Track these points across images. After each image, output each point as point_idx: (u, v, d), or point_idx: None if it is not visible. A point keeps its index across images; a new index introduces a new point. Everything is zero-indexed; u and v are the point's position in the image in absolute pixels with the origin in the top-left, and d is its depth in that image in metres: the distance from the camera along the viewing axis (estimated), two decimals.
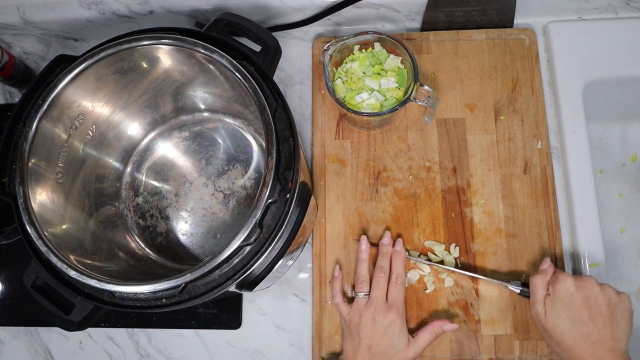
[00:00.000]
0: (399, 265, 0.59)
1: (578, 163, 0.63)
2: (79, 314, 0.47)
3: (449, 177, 0.65)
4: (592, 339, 0.48)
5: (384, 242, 0.61)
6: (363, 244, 0.61)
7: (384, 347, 0.54)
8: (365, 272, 0.59)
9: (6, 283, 0.68)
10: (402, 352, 0.54)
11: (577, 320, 0.49)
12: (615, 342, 0.48)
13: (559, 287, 0.51)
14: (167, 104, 0.63)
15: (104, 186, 0.62)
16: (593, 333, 0.48)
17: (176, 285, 0.43)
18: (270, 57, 0.53)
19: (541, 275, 0.54)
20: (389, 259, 0.59)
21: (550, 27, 0.69)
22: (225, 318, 0.64)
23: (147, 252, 0.63)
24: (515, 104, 0.66)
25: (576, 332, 0.49)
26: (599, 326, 0.49)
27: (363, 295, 0.57)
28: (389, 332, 0.54)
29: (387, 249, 0.60)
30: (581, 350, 0.48)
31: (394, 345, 0.54)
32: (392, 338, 0.54)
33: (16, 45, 0.77)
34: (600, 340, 0.48)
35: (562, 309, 0.50)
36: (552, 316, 0.50)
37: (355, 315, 0.56)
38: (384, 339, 0.54)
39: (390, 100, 0.61)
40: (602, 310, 0.49)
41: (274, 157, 0.45)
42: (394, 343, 0.54)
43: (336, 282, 0.61)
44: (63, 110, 0.52)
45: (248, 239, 0.43)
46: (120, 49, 0.50)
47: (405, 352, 0.55)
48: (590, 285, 0.51)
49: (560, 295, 0.51)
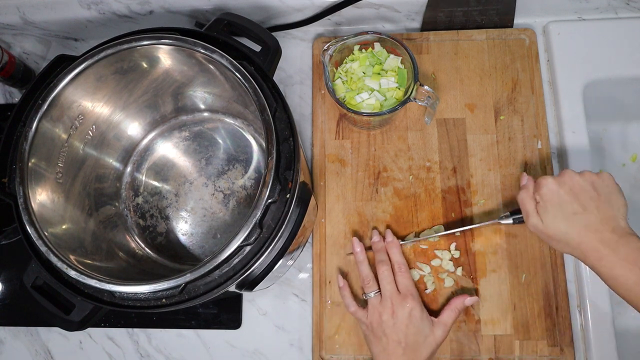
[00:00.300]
0: (397, 255, 0.59)
1: (578, 163, 0.63)
2: (79, 314, 0.47)
3: (449, 177, 0.65)
4: (594, 226, 0.48)
5: (374, 240, 0.61)
6: (356, 245, 0.61)
7: (413, 336, 0.54)
8: (367, 271, 0.59)
9: (6, 283, 0.68)
10: (430, 335, 0.55)
11: (573, 213, 0.49)
12: (614, 221, 0.48)
13: (543, 191, 0.51)
14: (167, 104, 0.63)
15: (104, 186, 0.62)
16: (592, 219, 0.48)
17: (176, 285, 0.43)
18: (270, 57, 0.53)
19: (525, 190, 0.54)
20: (385, 253, 0.60)
21: (550, 27, 0.69)
22: (225, 318, 0.64)
23: (147, 252, 0.63)
24: (515, 104, 0.66)
25: (577, 225, 0.49)
26: (594, 211, 0.49)
27: (374, 294, 0.57)
28: (413, 320, 0.54)
29: (380, 244, 0.61)
30: (589, 240, 0.48)
31: (420, 331, 0.54)
32: (417, 325, 0.54)
33: (16, 45, 0.77)
34: (602, 224, 0.48)
35: (556, 210, 0.50)
36: (549, 220, 0.50)
37: (375, 315, 0.56)
38: (410, 329, 0.54)
39: (390, 100, 0.61)
40: (591, 195, 0.49)
41: (274, 157, 0.45)
42: (420, 329, 0.54)
43: (344, 291, 0.60)
44: (63, 110, 0.52)
45: (248, 239, 0.43)
46: (120, 49, 0.50)
47: (434, 335, 0.55)
48: (570, 176, 0.51)
49: (548, 197, 0.51)
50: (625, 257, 0.46)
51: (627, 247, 0.46)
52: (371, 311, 0.56)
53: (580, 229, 0.49)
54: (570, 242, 0.49)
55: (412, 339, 0.54)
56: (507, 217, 0.58)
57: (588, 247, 0.48)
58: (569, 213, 0.49)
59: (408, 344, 0.54)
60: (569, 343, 0.59)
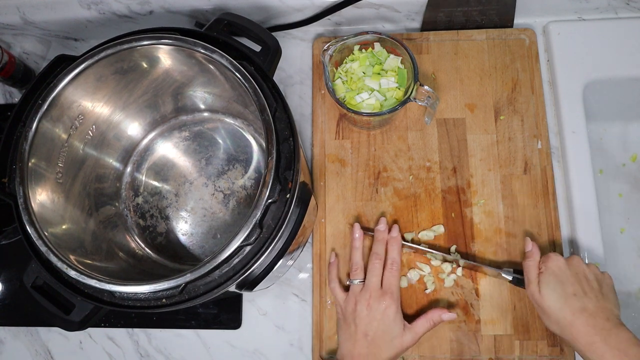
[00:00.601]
0: (395, 252, 0.59)
1: (578, 163, 0.63)
2: (79, 314, 0.47)
3: (449, 177, 0.65)
4: (590, 311, 0.50)
5: (379, 228, 0.61)
6: (356, 231, 0.61)
7: (381, 333, 0.54)
8: (359, 259, 0.59)
9: (6, 283, 0.68)
10: (398, 337, 0.55)
11: (572, 294, 0.51)
12: (610, 313, 0.50)
13: (550, 265, 0.53)
14: (167, 104, 0.63)
15: (104, 186, 0.62)
16: (589, 305, 0.50)
17: (176, 285, 0.43)
18: (270, 57, 0.53)
19: (531, 258, 0.56)
20: (384, 245, 0.59)
21: (550, 27, 0.69)
22: (225, 318, 0.64)
23: (147, 252, 0.63)
24: (515, 104, 0.66)
25: (574, 306, 0.50)
26: (593, 299, 0.50)
27: (358, 282, 0.57)
28: (384, 318, 0.55)
29: (383, 235, 0.60)
30: (581, 323, 0.49)
31: (389, 331, 0.55)
32: (387, 324, 0.55)
33: (16, 45, 0.77)
34: (597, 312, 0.49)
35: (556, 285, 0.52)
36: (548, 293, 0.52)
37: (351, 302, 0.56)
38: (380, 325, 0.54)
39: (390, 100, 0.61)
40: (592, 285, 0.52)
41: (274, 157, 0.45)
42: (390, 329, 0.55)
43: (332, 267, 0.61)
44: (63, 110, 0.52)
45: (248, 239, 0.43)
46: (120, 49, 0.50)
47: (402, 338, 0.55)
48: (578, 262, 0.53)
49: (554, 272, 0.52)
50: (617, 346, 0.47)
51: (619, 337, 0.47)
52: (350, 297, 0.57)
53: (575, 310, 0.50)
54: (561, 321, 0.50)
55: (379, 336, 0.54)
56: (509, 273, 0.58)
57: (580, 329, 0.49)
58: (569, 292, 0.51)
59: (374, 339, 0.54)
60: None
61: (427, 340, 0.60)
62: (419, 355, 0.59)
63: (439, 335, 0.60)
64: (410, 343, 0.55)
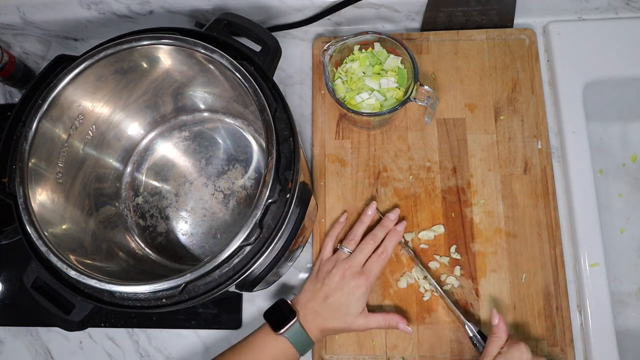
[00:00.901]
0: (391, 243, 0.59)
1: (578, 163, 0.63)
2: (79, 314, 0.47)
3: (449, 177, 0.65)
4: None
5: (389, 216, 0.62)
6: (370, 209, 0.62)
7: (339, 303, 0.55)
8: (359, 233, 0.60)
9: (6, 283, 0.68)
10: (351, 316, 0.56)
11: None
12: None
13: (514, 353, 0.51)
14: (167, 104, 0.63)
15: (104, 186, 0.62)
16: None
17: (176, 285, 0.43)
18: (270, 57, 0.53)
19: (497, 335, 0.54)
20: (384, 232, 0.60)
21: (550, 27, 0.69)
22: (225, 318, 0.64)
23: (147, 252, 0.63)
24: (515, 104, 0.66)
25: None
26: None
27: (346, 251, 0.59)
28: (350, 294, 0.56)
29: (389, 223, 0.61)
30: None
31: (348, 306, 0.56)
32: (349, 299, 0.56)
33: (16, 45, 0.77)
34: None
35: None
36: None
37: (330, 263, 0.58)
38: (342, 298, 0.56)
39: (390, 100, 0.61)
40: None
41: (274, 157, 0.45)
42: (350, 304, 0.56)
43: (338, 226, 0.62)
44: (63, 110, 0.52)
45: (248, 239, 0.43)
46: (120, 49, 0.50)
47: (354, 319, 0.56)
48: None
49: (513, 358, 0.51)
50: None
51: None
52: (332, 259, 0.59)
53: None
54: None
55: (336, 306, 0.55)
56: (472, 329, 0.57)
57: None
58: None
59: (330, 305, 0.55)
60: (569, 343, 0.59)
61: (427, 340, 0.60)
62: (419, 355, 0.59)
63: (439, 335, 0.60)
64: (360, 328, 0.57)
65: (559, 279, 0.60)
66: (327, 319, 0.55)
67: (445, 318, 0.60)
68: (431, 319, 0.60)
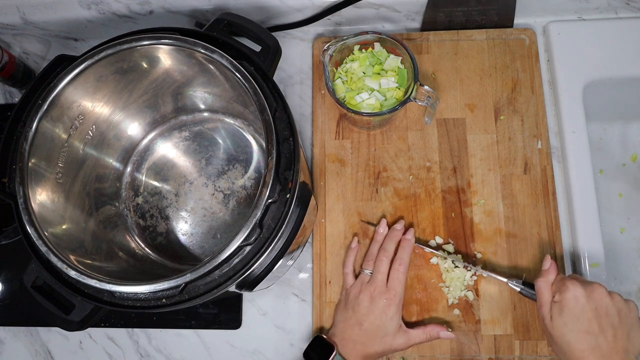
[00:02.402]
0: (405, 253, 0.59)
1: (578, 163, 0.63)
2: (79, 314, 0.47)
3: (449, 177, 0.65)
4: (602, 351, 0.46)
5: (395, 227, 0.62)
6: (381, 227, 0.62)
7: (375, 327, 0.55)
8: (375, 252, 0.60)
9: (6, 283, 0.68)
10: (390, 336, 0.55)
11: (586, 331, 0.47)
12: (625, 354, 0.46)
13: (567, 296, 0.49)
14: (167, 104, 0.63)
15: (104, 186, 0.62)
16: (603, 345, 0.47)
17: (176, 285, 0.43)
18: (270, 57, 0.53)
19: (545, 278, 0.53)
20: (394, 243, 0.60)
21: (550, 27, 0.69)
22: (225, 318, 0.64)
23: (147, 252, 0.63)
24: (515, 104, 0.66)
25: (585, 344, 0.47)
26: (610, 338, 0.47)
27: (367, 273, 0.58)
28: (382, 315, 0.55)
29: (397, 234, 0.61)
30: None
31: (384, 327, 0.55)
32: (384, 320, 0.55)
33: (16, 45, 0.77)
34: (611, 352, 0.46)
35: (570, 320, 0.48)
36: (559, 325, 0.49)
37: (356, 289, 0.58)
38: (376, 320, 0.55)
39: (390, 100, 0.61)
40: (613, 322, 0.47)
41: (274, 157, 0.45)
42: (385, 325, 0.55)
43: (351, 253, 0.62)
44: (63, 110, 0.52)
45: (248, 239, 0.43)
46: (120, 49, 0.50)
47: (393, 338, 0.55)
48: (600, 295, 0.48)
49: (569, 305, 0.49)
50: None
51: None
52: (356, 284, 0.58)
53: (586, 348, 0.47)
54: (568, 354, 0.48)
55: (373, 330, 0.55)
56: (517, 284, 0.57)
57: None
58: (583, 329, 0.48)
59: (367, 331, 0.55)
60: None
61: None
62: (419, 355, 0.59)
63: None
64: (401, 346, 0.56)
65: None
66: (367, 345, 0.54)
67: (445, 318, 0.60)
68: (431, 319, 0.60)
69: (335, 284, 0.62)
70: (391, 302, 0.56)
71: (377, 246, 0.60)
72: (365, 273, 0.58)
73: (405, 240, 0.60)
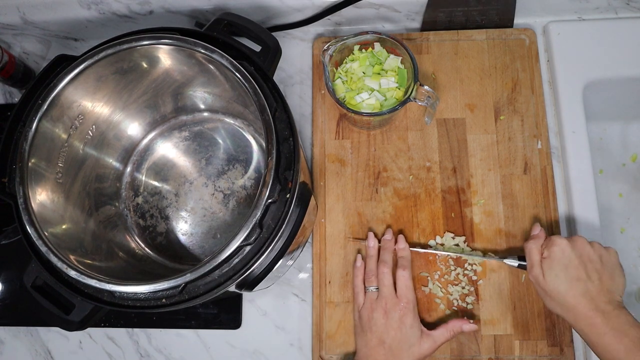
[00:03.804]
0: (405, 260, 0.59)
1: (578, 163, 0.63)
2: (79, 314, 0.47)
3: (449, 177, 0.65)
4: (592, 294, 0.50)
5: (385, 237, 0.61)
6: (370, 240, 0.61)
7: (398, 341, 0.54)
8: (374, 266, 0.59)
9: (6, 283, 0.68)
10: (416, 345, 0.55)
11: (575, 279, 0.51)
12: (611, 295, 0.50)
13: (554, 249, 0.52)
14: (167, 104, 0.63)
15: (104, 186, 0.62)
16: (591, 288, 0.50)
17: (176, 285, 0.43)
18: (270, 57, 0.53)
19: (534, 240, 0.55)
20: (391, 253, 0.60)
21: (550, 27, 0.69)
22: (225, 318, 0.64)
23: (147, 252, 0.63)
24: (515, 104, 0.66)
25: (576, 290, 0.50)
26: (596, 282, 0.51)
27: (373, 289, 0.58)
28: (402, 326, 0.55)
29: (390, 244, 0.61)
30: (583, 306, 0.50)
31: (407, 338, 0.54)
32: (404, 332, 0.55)
33: (16, 45, 0.77)
34: (599, 294, 0.50)
35: (560, 270, 0.52)
36: (551, 278, 0.52)
37: (367, 310, 0.57)
38: (397, 334, 0.54)
39: (390, 100, 0.61)
40: (596, 267, 0.51)
41: (274, 157, 0.45)
42: (407, 336, 0.54)
43: (358, 272, 0.60)
44: (63, 110, 0.52)
45: (248, 239, 0.43)
46: (120, 49, 0.50)
47: (420, 345, 0.55)
48: (582, 245, 0.53)
49: (557, 257, 0.52)
50: (617, 327, 0.48)
51: (619, 319, 0.48)
52: (366, 304, 0.57)
53: (577, 294, 0.50)
54: (564, 304, 0.51)
55: (396, 344, 0.54)
56: (514, 259, 0.58)
57: (581, 312, 0.50)
58: (572, 277, 0.51)
59: (392, 348, 0.54)
60: (569, 343, 0.59)
61: None
62: None
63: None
64: (429, 351, 0.55)
65: None
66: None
67: (445, 319, 0.60)
68: (431, 319, 0.60)
69: (335, 284, 0.62)
70: (406, 311, 0.55)
71: (373, 261, 0.60)
72: (371, 290, 0.58)
73: (401, 250, 0.60)
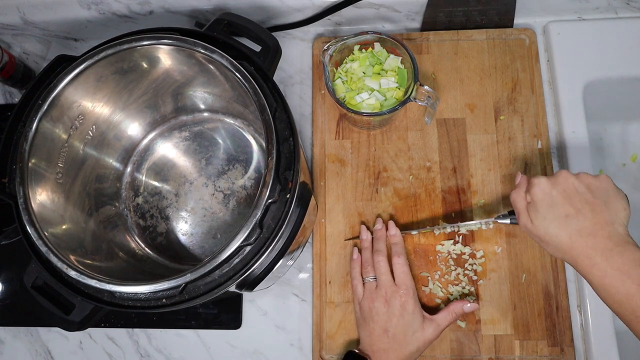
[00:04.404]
0: (398, 246, 0.59)
1: (578, 163, 0.63)
2: (79, 314, 0.47)
3: (449, 177, 0.65)
4: (588, 230, 0.45)
5: (376, 227, 0.62)
6: (363, 233, 0.62)
7: (401, 328, 0.54)
8: (369, 257, 0.59)
9: (6, 283, 0.68)
10: (419, 330, 0.54)
11: (564, 216, 0.46)
12: (611, 227, 0.44)
13: (534, 191, 0.48)
14: (167, 104, 0.63)
15: (104, 186, 0.62)
16: (585, 223, 0.45)
17: (176, 285, 0.43)
18: (270, 57, 0.53)
19: (517, 189, 0.52)
20: (384, 242, 0.60)
21: (550, 27, 0.69)
22: (225, 318, 0.64)
23: (147, 252, 0.63)
24: (515, 104, 0.66)
25: (569, 229, 0.46)
26: (589, 215, 0.45)
27: (371, 279, 0.58)
28: (404, 313, 0.54)
29: (381, 232, 0.61)
30: (580, 245, 0.45)
31: (410, 324, 0.54)
32: (407, 318, 0.54)
33: (16, 45, 0.77)
34: (596, 228, 0.45)
35: (546, 210, 0.47)
36: (539, 221, 0.48)
37: (367, 300, 0.57)
38: (400, 321, 0.54)
39: (390, 100, 0.61)
40: (586, 198, 0.46)
41: (274, 157, 0.45)
42: (410, 323, 0.54)
43: (355, 264, 0.60)
44: (63, 110, 0.52)
45: (248, 239, 0.43)
46: (120, 49, 0.50)
47: (423, 330, 0.54)
48: (564, 178, 0.48)
49: (539, 198, 0.48)
50: (619, 267, 0.42)
51: (622, 257, 0.43)
52: (366, 295, 0.57)
53: (571, 233, 0.45)
54: (560, 246, 0.46)
55: (400, 331, 0.54)
56: (505, 216, 0.57)
57: (579, 252, 0.45)
58: (561, 215, 0.46)
59: (395, 335, 0.54)
60: (569, 343, 0.59)
61: None
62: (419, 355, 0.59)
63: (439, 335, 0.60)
64: (433, 335, 0.55)
65: (559, 279, 0.60)
66: (400, 350, 0.54)
67: None
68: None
69: (335, 284, 0.62)
70: (407, 298, 0.55)
71: (368, 252, 0.60)
72: (369, 280, 0.58)
73: (392, 236, 0.60)
